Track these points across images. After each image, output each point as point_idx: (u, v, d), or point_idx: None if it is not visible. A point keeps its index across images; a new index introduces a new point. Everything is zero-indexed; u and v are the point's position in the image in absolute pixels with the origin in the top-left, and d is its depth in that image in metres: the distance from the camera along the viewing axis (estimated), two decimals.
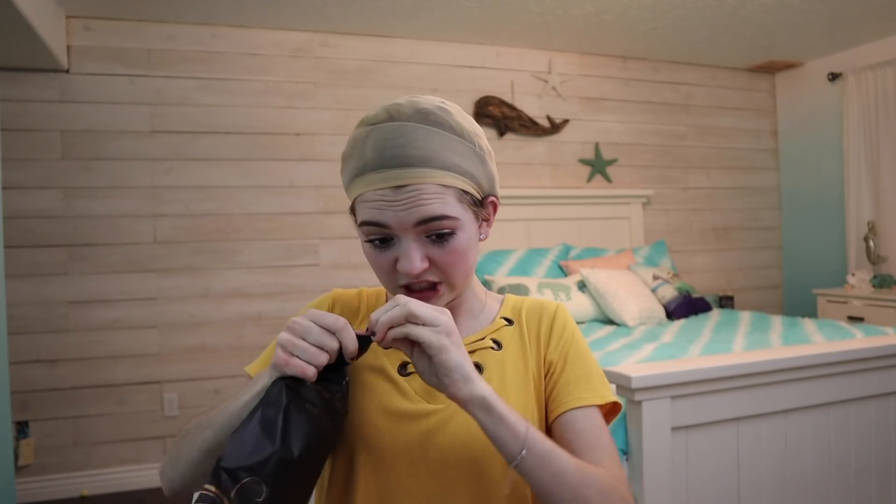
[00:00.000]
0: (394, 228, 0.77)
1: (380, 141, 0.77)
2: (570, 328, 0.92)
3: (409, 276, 0.78)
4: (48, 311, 3.08)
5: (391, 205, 0.76)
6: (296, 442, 0.68)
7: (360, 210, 0.80)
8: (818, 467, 1.86)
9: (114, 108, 3.19)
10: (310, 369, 0.69)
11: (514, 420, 0.71)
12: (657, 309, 3.30)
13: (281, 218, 3.46)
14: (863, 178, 4.00)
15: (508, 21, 3.48)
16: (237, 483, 0.63)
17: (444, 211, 0.77)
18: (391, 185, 0.76)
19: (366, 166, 0.78)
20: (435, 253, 0.79)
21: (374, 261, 0.81)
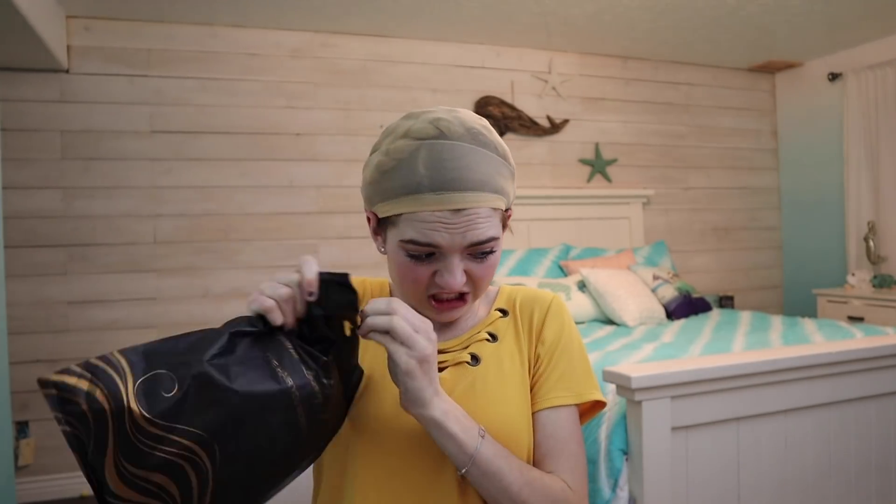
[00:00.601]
0: (443, 249, 0.79)
1: (435, 160, 0.77)
2: (562, 321, 0.92)
3: (450, 291, 0.81)
4: (48, 311, 3.08)
5: (448, 227, 0.78)
6: (238, 377, 0.64)
7: (407, 226, 0.79)
8: (818, 467, 1.86)
9: (113, 108, 3.19)
10: (268, 301, 0.70)
11: (462, 439, 0.75)
12: (657, 309, 3.30)
13: (281, 218, 3.46)
14: (863, 178, 4.00)
15: (508, 21, 3.48)
16: (151, 370, 0.59)
17: (492, 234, 0.81)
18: (450, 209, 0.77)
19: (421, 185, 0.77)
20: (473, 268, 0.82)
21: (408, 272, 0.82)
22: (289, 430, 0.67)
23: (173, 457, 0.60)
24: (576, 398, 0.87)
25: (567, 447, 0.85)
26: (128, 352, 0.60)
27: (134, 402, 0.57)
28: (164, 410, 0.59)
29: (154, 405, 0.58)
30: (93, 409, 0.56)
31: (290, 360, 0.69)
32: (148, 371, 0.59)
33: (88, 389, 0.56)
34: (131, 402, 0.57)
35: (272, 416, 0.66)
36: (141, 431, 0.58)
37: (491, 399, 0.84)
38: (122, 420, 0.57)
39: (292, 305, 0.71)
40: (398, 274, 0.83)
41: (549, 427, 0.86)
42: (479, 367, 0.86)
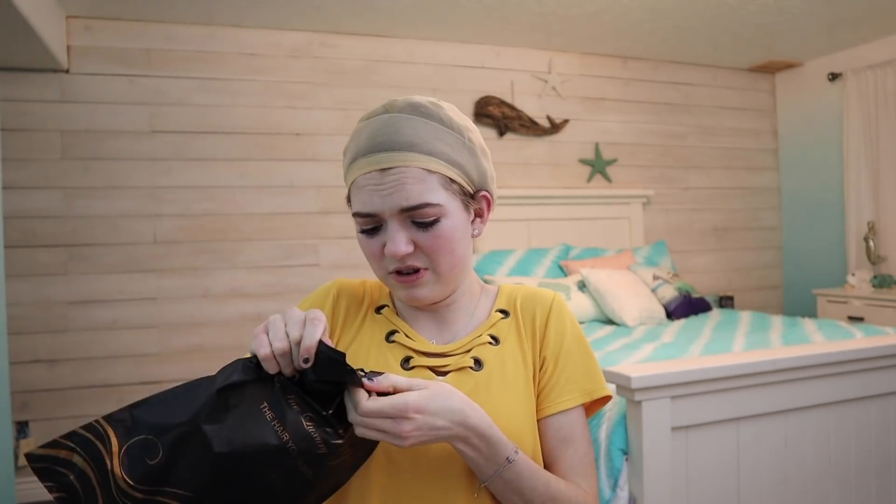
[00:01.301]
0: (381, 215, 0.81)
1: (372, 130, 0.82)
2: (564, 321, 0.92)
3: (394, 257, 0.81)
4: (48, 311, 3.08)
5: (378, 189, 0.80)
6: (229, 434, 0.63)
7: (353, 199, 0.84)
8: (818, 467, 1.86)
9: (113, 108, 3.19)
10: (266, 350, 0.68)
11: (482, 464, 0.77)
12: (657, 309, 3.30)
13: (281, 218, 3.46)
14: (863, 178, 4.00)
15: (508, 21, 3.48)
16: (134, 436, 0.61)
17: (426, 198, 0.80)
18: (378, 168, 0.80)
19: (358, 153, 0.82)
20: (420, 237, 0.81)
21: (365, 248, 0.85)
22: (290, 481, 0.67)
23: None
24: (586, 396, 0.88)
25: (579, 448, 0.87)
26: (114, 418, 0.61)
27: (118, 468, 0.59)
28: (147, 475, 0.60)
29: (137, 471, 0.59)
30: (79, 478, 0.59)
31: (288, 413, 0.67)
32: (133, 436, 0.60)
33: (74, 460, 0.59)
34: (115, 468, 0.59)
35: (268, 471, 0.65)
36: (126, 496, 0.59)
37: (495, 404, 0.83)
38: (107, 486, 0.59)
39: (289, 360, 0.69)
40: (364, 254, 0.86)
41: (561, 430, 0.86)
42: (482, 371, 0.86)
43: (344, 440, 0.69)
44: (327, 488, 0.73)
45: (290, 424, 0.66)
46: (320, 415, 0.68)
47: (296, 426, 0.66)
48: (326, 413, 0.69)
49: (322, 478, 0.69)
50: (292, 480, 0.66)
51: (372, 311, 0.93)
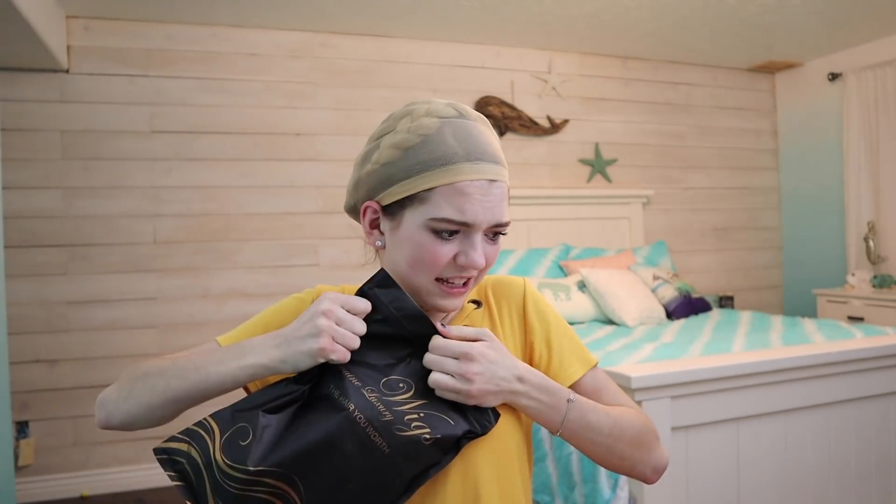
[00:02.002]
0: (473, 225, 0.79)
1: (463, 134, 0.80)
2: (541, 306, 0.94)
3: (472, 268, 0.81)
4: (48, 311, 3.08)
5: (485, 200, 0.79)
6: (302, 414, 0.72)
7: (444, 202, 0.78)
8: (818, 467, 1.86)
9: (113, 108, 3.19)
10: (348, 355, 0.72)
11: (548, 415, 0.81)
12: (657, 309, 3.30)
13: (281, 218, 3.46)
14: (863, 178, 4.00)
15: (508, 21, 3.48)
16: (231, 427, 0.70)
17: (508, 217, 0.84)
18: (487, 178, 0.79)
19: (456, 156, 0.79)
20: (487, 250, 0.83)
21: (430, 250, 0.80)
22: (367, 452, 0.71)
23: (264, 494, 0.68)
24: (592, 362, 0.92)
25: (611, 391, 0.92)
26: (218, 414, 0.72)
27: (219, 454, 0.68)
28: (241, 456, 0.68)
29: (233, 453, 0.68)
30: (191, 465, 0.69)
31: (350, 388, 0.73)
32: (231, 427, 0.70)
33: (187, 450, 0.70)
34: (217, 455, 0.68)
35: (344, 443, 0.70)
36: (228, 477, 0.67)
37: None
38: (212, 470, 0.68)
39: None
40: (414, 255, 0.81)
41: (589, 388, 0.90)
42: None
43: (406, 406, 0.74)
44: (414, 467, 0.74)
45: (354, 396, 0.72)
46: (379, 384, 0.74)
47: (359, 397, 0.72)
48: (388, 377, 0.75)
49: (402, 454, 0.72)
50: (370, 453, 0.71)
51: None
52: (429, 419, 0.74)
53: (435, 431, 0.73)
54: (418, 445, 0.72)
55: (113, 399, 0.80)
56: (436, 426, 0.73)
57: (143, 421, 0.80)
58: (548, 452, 1.97)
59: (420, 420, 0.73)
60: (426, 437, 0.72)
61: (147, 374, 0.80)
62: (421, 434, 0.72)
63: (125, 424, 0.80)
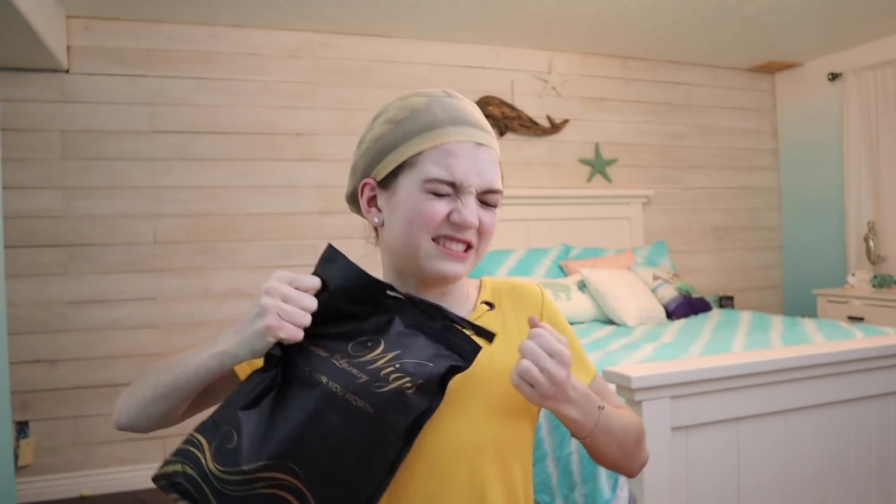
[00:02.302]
0: (467, 187, 0.82)
1: (449, 106, 0.84)
2: (556, 314, 0.96)
3: (464, 226, 0.82)
4: (48, 311, 3.08)
5: (475, 161, 0.82)
6: (279, 398, 0.71)
7: (433, 163, 0.82)
8: (818, 467, 1.86)
9: (113, 108, 3.19)
10: (300, 333, 0.70)
11: (582, 423, 0.83)
12: (657, 309, 3.30)
13: (281, 218, 3.46)
14: (863, 178, 4.00)
15: (508, 21, 3.48)
16: (216, 434, 0.71)
17: (500, 186, 0.86)
18: (475, 141, 0.83)
19: (442, 121, 0.83)
20: (483, 217, 0.84)
21: (426, 209, 0.82)
22: (352, 418, 0.70)
23: (266, 489, 0.68)
24: (594, 371, 0.96)
25: (609, 396, 0.96)
26: (202, 427, 0.72)
27: (212, 464, 0.69)
28: (233, 459, 0.68)
29: (224, 459, 0.69)
30: (189, 482, 0.69)
31: (317, 360, 0.73)
32: (216, 434, 0.71)
33: (182, 469, 0.70)
34: (210, 465, 0.69)
35: (327, 416, 0.70)
36: (227, 483, 0.68)
37: None
38: (210, 481, 0.69)
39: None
40: (409, 215, 0.83)
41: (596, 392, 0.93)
42: None
43: (380, 362, 0.72)
44: (405, 418, 0.73)
45: (324, 368, 0.72)
46: (348, 349, 0.73)
47: (329, 368, 0.72)
48: (354, 341, 0.74)
49: (388, 409, 0.71)
50: (356, 417, 0.70)
51: None
52: (406, 367, 0.72)
53: (416, 378, 0.72)
54: (402, 396, 0.71)
55: (122, 400, 0.83)
56: (415, 372, 0.72)
57: (145, 420, 0.81)
58: (548, 452, 1.97)
59: (398, 371, 0.72)
60: (407, 386, 0.72)
61: (147, 373, 0.81)
62: (402, 384, 0.71)
63: (133, 424, 0.82)
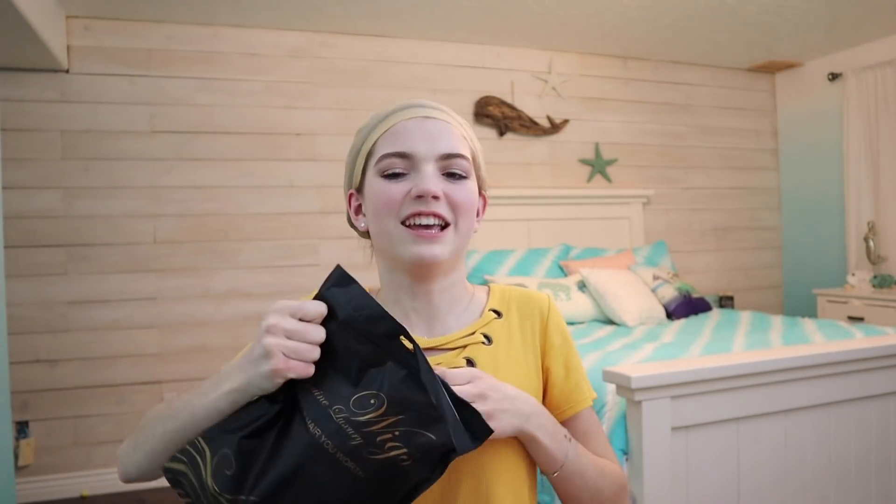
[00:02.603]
0: (417, 156, 0.80)
1: (406, 102, 0.85)
2: (563, 327, 0.93)
3: (425, 195, 0.78)
4: (48, 311, 3.08)
5: (421, 131, 0.81)
6: (277, 440, 0.68)
7: (383, 145, 0.82)
8: (818, 467, 1.86)
9: (114, 108, 3.19)
10: (311, 368, 0.66)
11: (553, 450, 0.80)
12: (657, 309, 3.30)
13: (281, 218, 3.46)
14: (863, 178, 4.00)
15: (508, 21, 3.48)
16: (218, 450, 0.68)
17: (464, 151, 0.83)
18: (422, 115, 0.82)
19: (394, 110, 0.84)
20: (451, 189, 0.81)
21: (384, 193, 0.80)
22: (341, 478, 0.67)
23: None
24: (591, 399, 0.92)
25: (600, 439, 0.91)
26: (208, 433, 0.70)
27: (210, 479, 0.68)
28: (227, 485, 0.67)
29: (219, 481, 0.67)
30: (190, 484, 0.69)
31: (317, 407, 0.68)
32: (218, 450, 0.68)
33: (185, 470, 0.70)
34: (208, 479, 0.68)
35: (316, 470, 0.66)
36: (217, 502, 0.67)
37: None
38: (206, 492, 0.68)
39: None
40: (374, 204, 0.82)
41: (583, 426, 0.90)
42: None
43: (379, 426, 0.66)
44: (398, 487, 0.68)
45: (320, 420, 0.67)
46: (349, 401, 0.67)
47: (325, 421, 0.67)
48: (362, 393, 0.67)
49: (379, 477, 0.67)
50: (344, 478, 0.66)
51: None
52: (406, 437, 0.66)
53: (414, 451, 0.66)
54: (395, 468, 0.67)
55: (126, 452, 0.77)
56: (414, 444, 0.66)
57: (153, 469, 0.75)
58: None
59: (395, 440, 0.66)
60: (403, 458, 0.66)
61: (150, 420, 0.76)
62: (397, 455, 0.66)
63: (141, 475, 0.76)
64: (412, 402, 0.67)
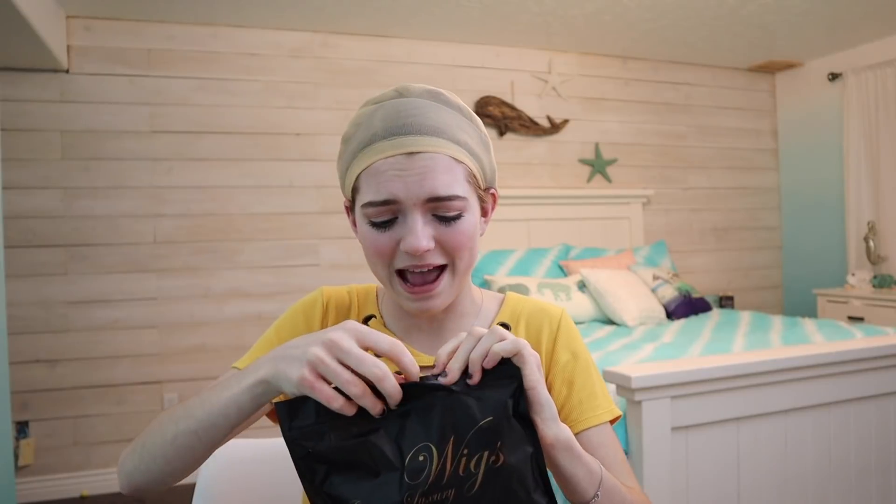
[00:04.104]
0: (402, 202, 0.73)
1: (390, 113, 0.74)
2: (575, 342, 0.88)
3: (414, 253, 0.73)
4: (48, 311, 3.08)
5: (403, 174, 0.72)
6: None
7: (365, 186, 0.75)
8: (818, 467, 1.86)
9: (114, 108, 3.19)
10: (338, 399, 0.57)
11: (588, 457, 0.68)
12: (657, 309, 3.30)
13: (281, 218, 3.46)
14: (863, 178, 4.00)
15: (508, 21, 3.48)
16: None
17: (455, 190, 0.74)
18: (404, 152, 0.72)
19: (375, 136, 0.74)
20: (443, 233, 0.75)
21: (371, 244, 0.76)
22: None
23: None
24: (610, 414, 0.84)
25: (618, 457, 0.82)
26: None
27: None
28: None
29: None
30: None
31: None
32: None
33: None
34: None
35: None
36: None
37: None
38: None
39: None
40: (365, 251, 0.77)
41: (595, 440, 0.82)
42: None
43: (448, 466, 0.58)
44: (529, 485, 0.62)
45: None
46: (404, 477, 0.57)
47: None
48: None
49: (502, 492, 0.60)
50: None
51: (359, 321, 0.88)
52: (472, 442, 0.59)
53: (491, 446, 0.60)
54: (497, 472, 0.60)
55: (129, 459, 0.71)
56: (482, 442, 0.60)
57: (166, 476, 0.68)
58: None
59: (467, 456, 0.59)
60: (493, 460, 0.60)
61: (160, 423, 0.70)
62: (488, 464, 0.60)
63: (149, 484, 0.69)
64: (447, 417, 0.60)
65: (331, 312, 0.89)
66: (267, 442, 1.11)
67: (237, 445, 1.10)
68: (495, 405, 0.60)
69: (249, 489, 1.06)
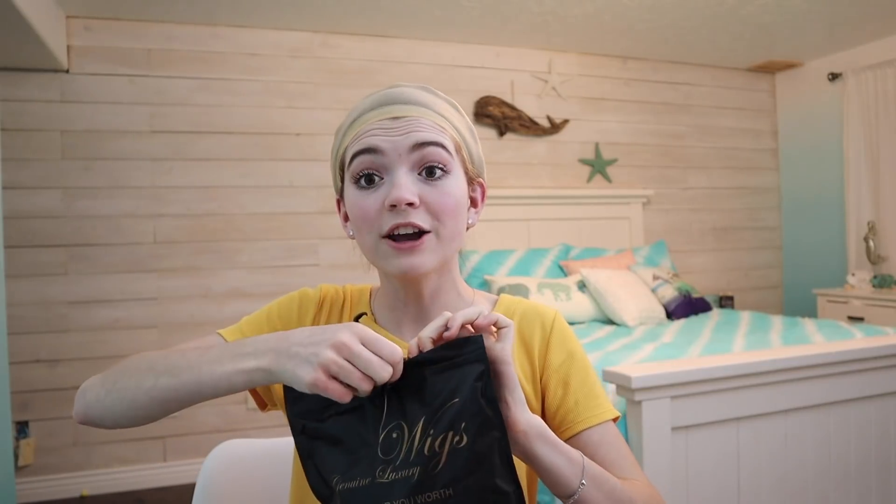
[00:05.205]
0: (387, 154, 0.75)
1: (380, 95, 0.80)
2: (569, 343, 0.87)
3: (398, 204, 0.73)
4: (48, 311, 3.08)
5: (388, 131, 0.76)
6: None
7: (352, 149, 0.78)
8: (818, 467, 1.86)
9: (114, 108, 3.19)
10: (348, 395, 0.61)
11: (565, 446, 0.68)
12: (657, 309, 3.30)
13: (281, 218, 3.46)
14: (863, 178, 4.00)
15: (508, 21, 3.48)
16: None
17: (440, 139, 0.77)
18: (389, 116, 0.77)
19: (363, 109, 0.79)
20: (427, 192, 0.76)
21: (359, 206, 0.77)
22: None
23: None
24: (610, 414, 0.83)
25: (621, 451, 0.80)
26: None
27: None
28: None
29: None
30: None
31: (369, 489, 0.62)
32: None
33: None
34: None
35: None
36: None
37: None
38: None
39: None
40: (353, 217, 0.79)
41: (597, 438, 0.80)
42: None
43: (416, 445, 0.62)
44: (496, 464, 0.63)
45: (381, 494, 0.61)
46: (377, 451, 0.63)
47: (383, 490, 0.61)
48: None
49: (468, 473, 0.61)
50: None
51: (351, 319, 0.89)
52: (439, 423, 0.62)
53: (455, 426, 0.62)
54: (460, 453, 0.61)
55: (95, 391, 0.73)
56: (449, 421, 0.62)
57: (124, 419, 0.71)
58: None
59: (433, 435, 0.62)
60: (456, 440, 0.62)
61: (137, 368, 0.71)
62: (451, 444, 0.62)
63: (103, 420, 0.72)
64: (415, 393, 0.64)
65: (324, 309, 0.92)
66: (267, 442, 1.11)
67: (237, 445, 1.10)
68: (462, 387, 0.63)
69: (249, 489, 1.06)
